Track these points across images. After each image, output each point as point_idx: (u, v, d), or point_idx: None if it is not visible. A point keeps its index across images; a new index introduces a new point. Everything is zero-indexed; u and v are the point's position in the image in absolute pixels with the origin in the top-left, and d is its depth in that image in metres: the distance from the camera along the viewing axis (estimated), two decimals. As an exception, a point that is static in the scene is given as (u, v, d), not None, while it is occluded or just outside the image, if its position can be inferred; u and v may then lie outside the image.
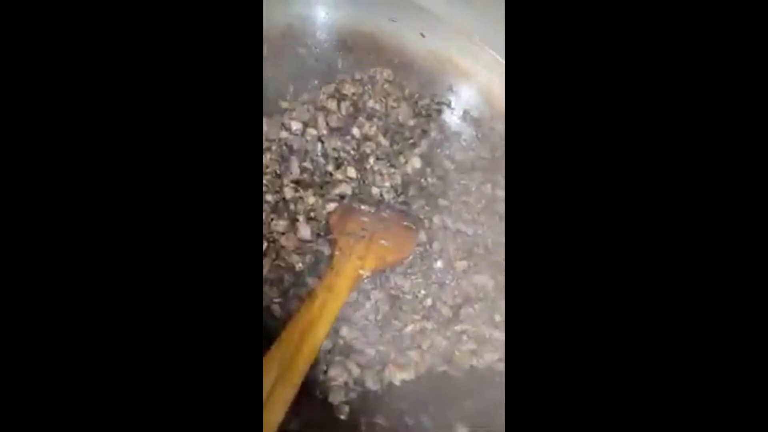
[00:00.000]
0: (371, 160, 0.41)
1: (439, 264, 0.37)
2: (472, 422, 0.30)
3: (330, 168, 0.39)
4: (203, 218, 0.16)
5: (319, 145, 0.40)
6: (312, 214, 0.35)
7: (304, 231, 0.33)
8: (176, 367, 0.15)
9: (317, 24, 0.43)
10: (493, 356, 0.35)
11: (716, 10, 0.16)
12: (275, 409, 0.20)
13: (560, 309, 0.16)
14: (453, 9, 0.45)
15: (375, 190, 0.39)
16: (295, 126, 0.39)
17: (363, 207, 0.36)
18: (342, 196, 0.37)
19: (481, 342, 0.35)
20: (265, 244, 0.32)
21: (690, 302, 0.16)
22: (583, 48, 0.17)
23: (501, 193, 0.45)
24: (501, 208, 0.44)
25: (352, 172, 0.39)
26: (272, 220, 0.33)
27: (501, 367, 0.35)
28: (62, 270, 0.15)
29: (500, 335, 0.36)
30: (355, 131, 0.41)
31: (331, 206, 0.36)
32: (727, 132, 0.16)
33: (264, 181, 0.35)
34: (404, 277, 0.35)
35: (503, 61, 0.45)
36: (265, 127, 0.37)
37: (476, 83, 0.47)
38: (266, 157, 0.36)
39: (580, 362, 0.16)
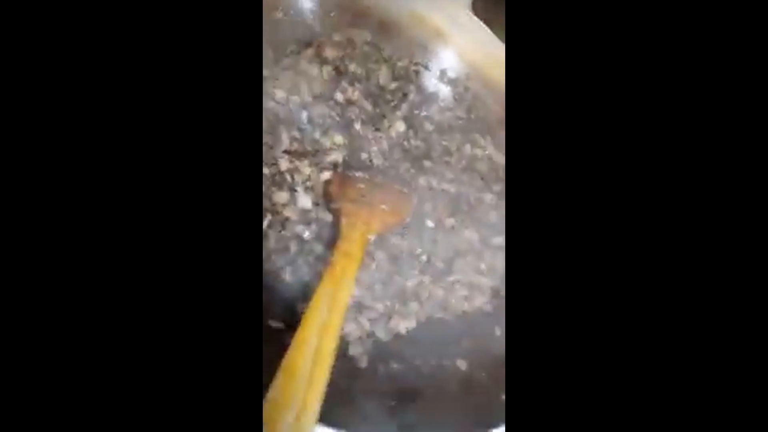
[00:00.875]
0: (357, 125, 0.41)
1: (429, 223, 0.39)
2: (470, 357, 0.34)
3: (317, 135, 0.39)
4: (201, 204, 0.16)
5: (304, 112, 0.40)
6: (308, 184, 0.36)
7: (304, 201, 0.35)
8: (173, 361, 0.15)
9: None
10: (482, 299, 0.39)
11: (716, 10, 0.16)
12: (324, 366, 0.22)
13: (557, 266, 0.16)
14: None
15: (364, 155, 0.40)
16: (280, 94, 0.38)
17: (357, 174, 0.38)
18: (335, 165, 0.38)
19: (471, 288, 0.39)
20: (269, 217, 0.33)
21: (686, 283, 0.16)
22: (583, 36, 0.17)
23: (479, 152, 0.48)
24: (480, 166, 0.47)
25: (339, 138, 0.40)
26: (273, 192, 0.34)
27: (488, 308, 0.39)
28: (55, 258, 0.15)
29: (486, 281, 0.40)
30: (339, 96, 0.41)
31: (327, 175, 0.37)
32: (727, 122, 0.16)
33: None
34: (401, 238, 0.37)
35: (477, 21, 0.46)
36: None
37: (452, 43, 0.48)
38: (258, 129, 0.36)
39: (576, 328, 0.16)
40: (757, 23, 0.16)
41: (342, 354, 0.30)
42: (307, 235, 0.33)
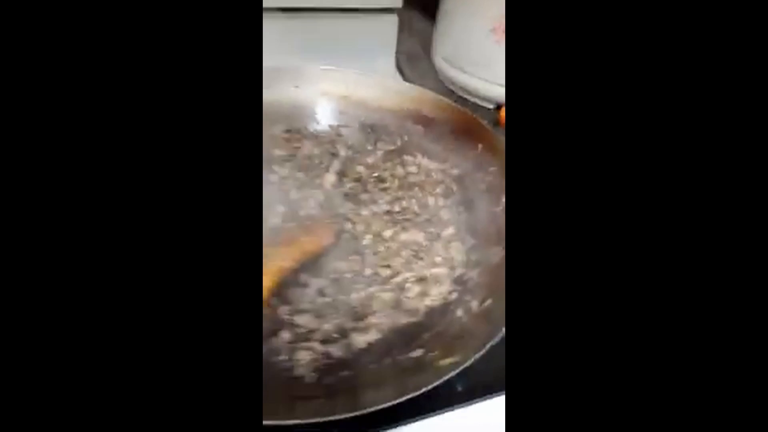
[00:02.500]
0: (293, 193, 0.48)
1: (367, 239, 0.42)
2: (428, 345, 0.33)
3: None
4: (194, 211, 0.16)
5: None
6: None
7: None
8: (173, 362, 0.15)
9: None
10: (442, 289, 0.38)
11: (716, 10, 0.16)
12: None
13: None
14: (306, 55, 0.55)
15: (302, 213, 0.46)
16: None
17: (288, 226, 0.43)
18: (271, 229, 0.44)
19: (426, 283, 0.39)
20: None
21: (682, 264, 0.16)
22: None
23: (412, 168, 0.51)
24: (414, 179, 0.50)
25: (280, 207, 0.46)
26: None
27: (453, 296, 0.38)
28: (49, 249, 0.15)
29: (444, 271, 0.40)
30: (273, 177, 0.49)
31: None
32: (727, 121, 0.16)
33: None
34: (339, 261, 0.40)
35: (364, 77, 0.54)
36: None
37: (354, 100, 0.55)
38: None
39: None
40: (757, 23, 0.16)
41: (290, 375, 0.32)
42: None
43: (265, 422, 0.25)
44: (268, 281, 0.32)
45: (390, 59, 0.76)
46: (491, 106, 0.67)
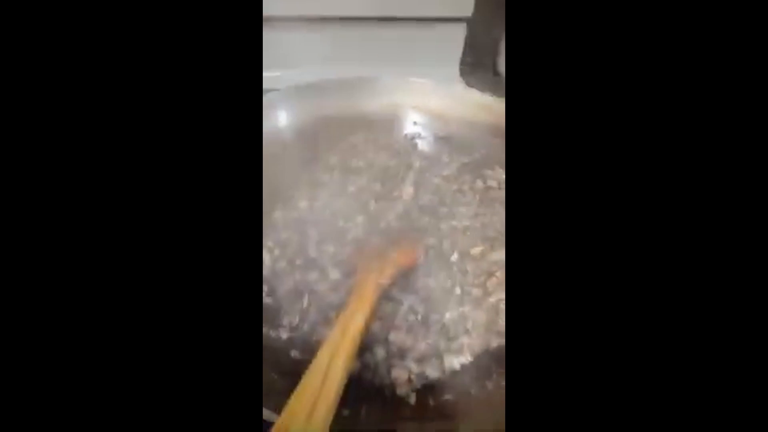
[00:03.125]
0: (371, 204, 0.48)
1: (455, 256, 0.41)
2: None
3: (341, 222, 0.46)
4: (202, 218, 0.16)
5: (327, 210, 0.47)
6: (335, 260, 0.41)
7: (334, 274, 0.40)
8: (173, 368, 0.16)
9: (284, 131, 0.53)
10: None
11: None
12: (333, 382, 0.23)
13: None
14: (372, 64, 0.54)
15: (382, 224, 0.46)
16: (303, 204, 0.47)
17: (373, 238, 0.43)
18: (354, 240, 0.43)
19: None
20: (307, 298, 0.38)
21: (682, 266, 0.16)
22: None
23: (492, 183, 0.50)
24: (495, 194, 0.48)
25: (359, 219, 0.46)
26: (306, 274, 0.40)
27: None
28: (58, 262, 0.15)
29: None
30: (351, 189, 0.49)
31: (347, 249, 0.42)
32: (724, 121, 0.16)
33: (293, 248, 0.42)
34: (428, 278, 0.39)
35: (439, 87, 0.54)
36: (279, 213, 0.46)
37: (430, 110, 0.55)
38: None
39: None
40: (757, 23, 0.16)
41: (389, 396, 0.31)
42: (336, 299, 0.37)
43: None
44: (370, 298, 0.32)
45: (454, 68, 0.75)
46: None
